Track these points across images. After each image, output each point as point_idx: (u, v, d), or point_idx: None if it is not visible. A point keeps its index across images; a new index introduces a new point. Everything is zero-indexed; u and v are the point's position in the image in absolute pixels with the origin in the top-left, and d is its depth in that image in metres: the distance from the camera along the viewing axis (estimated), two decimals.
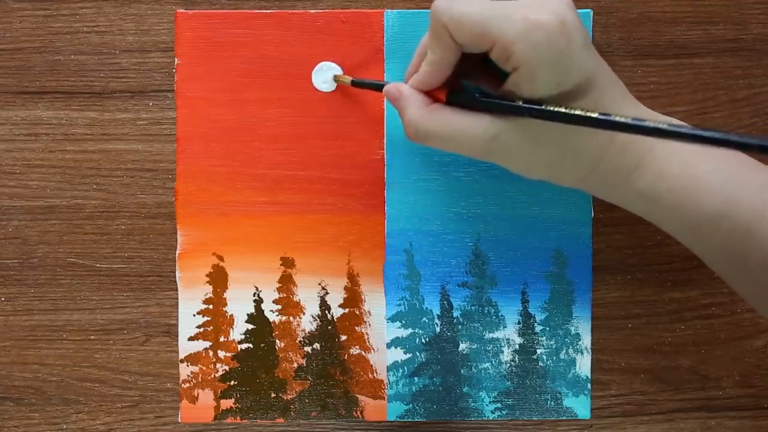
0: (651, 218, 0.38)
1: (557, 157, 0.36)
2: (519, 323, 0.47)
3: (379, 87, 0.41)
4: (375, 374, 0.47)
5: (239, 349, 0.47)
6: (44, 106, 0.46)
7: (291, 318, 0.47)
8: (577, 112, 0.33)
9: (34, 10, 0.46)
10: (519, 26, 0.33)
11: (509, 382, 0.47)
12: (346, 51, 0.45)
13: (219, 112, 0.46)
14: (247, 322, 0.47)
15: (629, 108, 0.36)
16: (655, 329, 0.47)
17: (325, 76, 0.46)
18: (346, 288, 0.47)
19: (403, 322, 0.47)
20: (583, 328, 0.47)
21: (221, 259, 0.46)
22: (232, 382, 0.47)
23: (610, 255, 0.47)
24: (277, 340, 0.47)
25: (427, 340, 0.47)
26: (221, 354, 0.47)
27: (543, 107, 0.34)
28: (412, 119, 0.37)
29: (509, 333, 0.47)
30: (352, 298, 0.47)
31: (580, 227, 0.46)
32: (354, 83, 0.44)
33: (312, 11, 0.46)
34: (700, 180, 0.36)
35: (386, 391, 0.47)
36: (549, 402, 0.47)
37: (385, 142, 0.46)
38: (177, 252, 0.46)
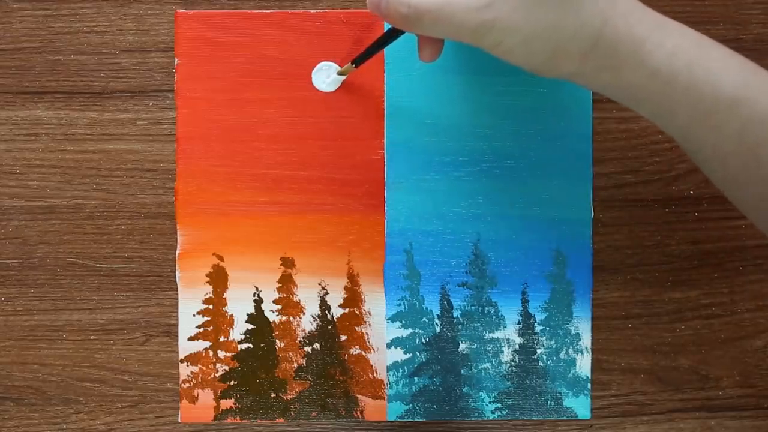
0: (661, 107, 0.36)
1: (558, 21, 0.34)
2: (519, 323, 0.47)
3: (376, 43, 0.41)
4: (375, 374, 0.47)
5: (239, 349, 0.47)
6: (44, 106, 0.46)
7: (291, 318, 0.47)
8: None
9: (34, 10, 0.46)
10: None
11: (509, 382, 0.47)
12: (346, 51, 0.45)
13: (219, 112, 0.46)
14: (247, 322, 0.47)
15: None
16: (655, 329, 0.47)
17: (325, 76, 0.46)
18: (346, 288, 0.47)
19: (403, 322, 0.47)
20: (583, 328, 0.47)
21: (221, 259, 0.46)
22: (232, 382, 0.47)
23: (610, 255, 0.47)
24: (277, 340, 0.47)
25: (427, 340, 0.47)
26: (221, 354, 0.47)
27: None
28: None
29: (509, 333, 0.47)
30: (352, 298, 0.47)
31: (580, 227, 0.46)
32: (356, 62, 0.43)
33: (312, 11, 0.46)
34: (717, 60, 0.35)
35: (386, 391, 0.47)
36: (549, 402, 0.47)
37: (385, 142, 0.46)
38: (177, 252, 0.46)
